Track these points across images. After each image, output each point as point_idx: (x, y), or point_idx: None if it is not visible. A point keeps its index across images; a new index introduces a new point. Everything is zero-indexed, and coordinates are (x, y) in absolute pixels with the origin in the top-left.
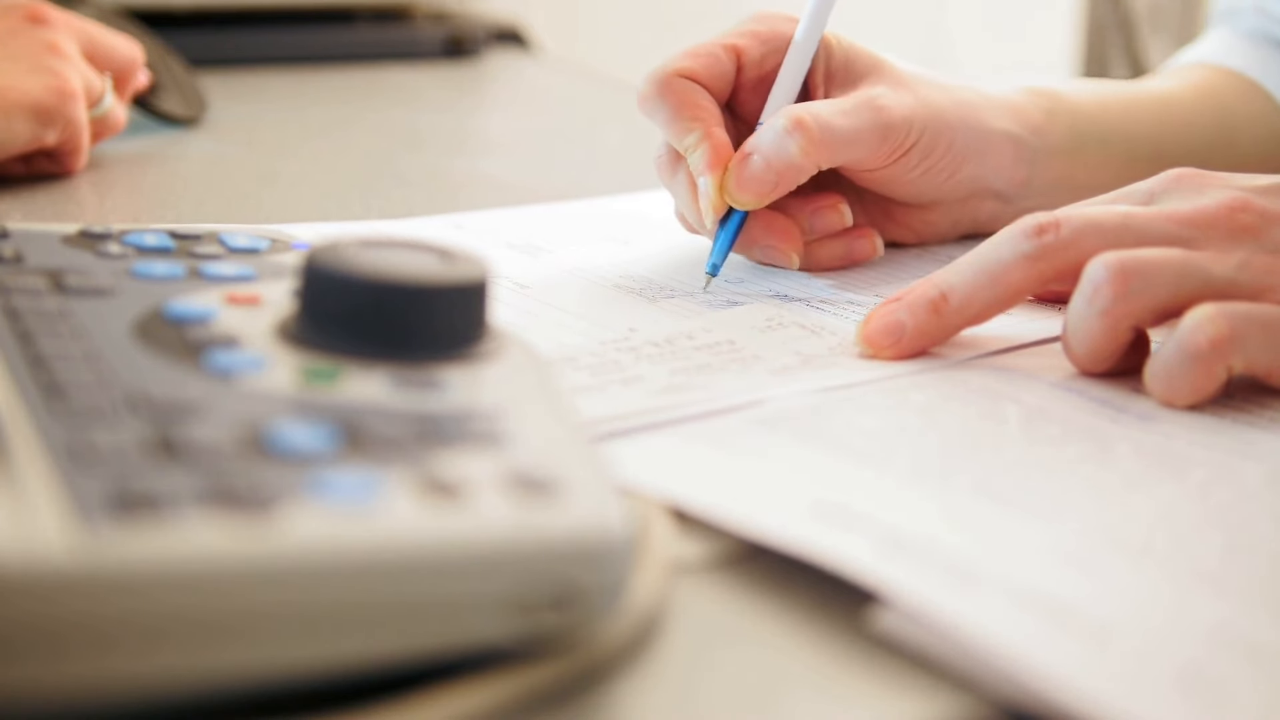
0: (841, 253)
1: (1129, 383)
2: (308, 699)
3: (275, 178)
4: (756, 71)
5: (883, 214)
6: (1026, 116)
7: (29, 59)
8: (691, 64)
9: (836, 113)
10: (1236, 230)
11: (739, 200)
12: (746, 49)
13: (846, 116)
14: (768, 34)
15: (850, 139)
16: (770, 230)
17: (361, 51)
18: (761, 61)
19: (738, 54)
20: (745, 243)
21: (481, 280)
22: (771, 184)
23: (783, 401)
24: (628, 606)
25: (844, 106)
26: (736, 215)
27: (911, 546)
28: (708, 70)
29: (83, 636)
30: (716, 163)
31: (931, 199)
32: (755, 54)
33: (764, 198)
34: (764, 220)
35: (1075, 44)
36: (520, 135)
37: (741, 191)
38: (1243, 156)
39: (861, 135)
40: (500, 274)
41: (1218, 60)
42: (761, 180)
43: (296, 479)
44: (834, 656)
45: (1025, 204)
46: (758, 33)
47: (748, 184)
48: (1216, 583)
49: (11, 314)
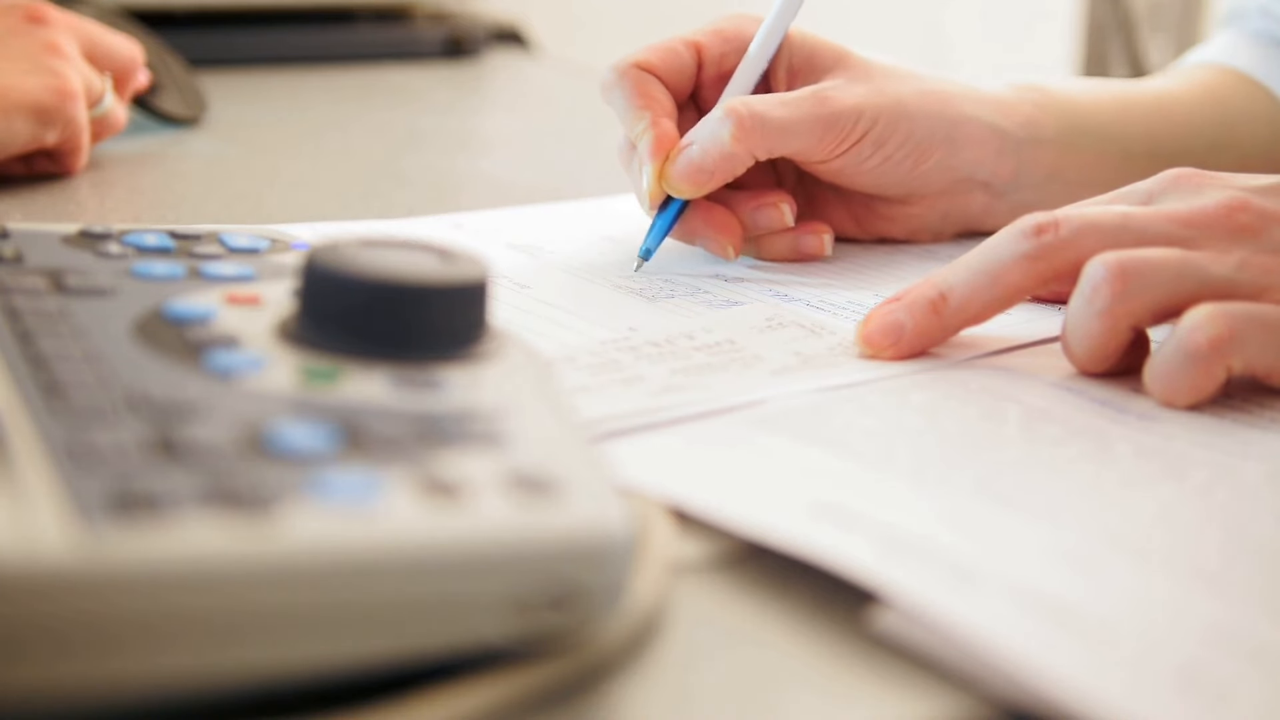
0: (788, 247)
1: (1129, 383)
2: (308, 699)
3: (275, 178)
4: (716, 69)
5: (865, 209)
6: (1012, 109)
7: (29, 59)
8: (651, 57)
9: (775, 104)
10: (1235, 230)
11: (675, 188)
12: (707, 46)
13: (785, 107)
14: (731, 32)
15: (787, 128)
16: (708, 222)
17: (361, 51)
18: (721, 59)
19: (698, 50)
20: (686, 232)
21: (481, 280)
22: (707, 173)
23: (783, 401)
24: (628, 606)
25: (786, 98)
26: (675, 203)
27: (911, 546)
28: (666, 64)
29: (83, 636)
30: (658, 150)
31: (904, 191)
32: (715, 51)
33: (700, 187)
34: (703, 211)
35: (1075, 44)
36: (520, 135)
37: (677, 179)
38: (1245, 156)
39: (801, 125)
40: (500, 274)
41: (1222, 60)
42: (697, 169)
43: (296, 479)
44: (834, 656)
45: (1018, 197)
46: (721, 31)
47: (683, 172)
48: (1216, 582)
49: (11, 314)
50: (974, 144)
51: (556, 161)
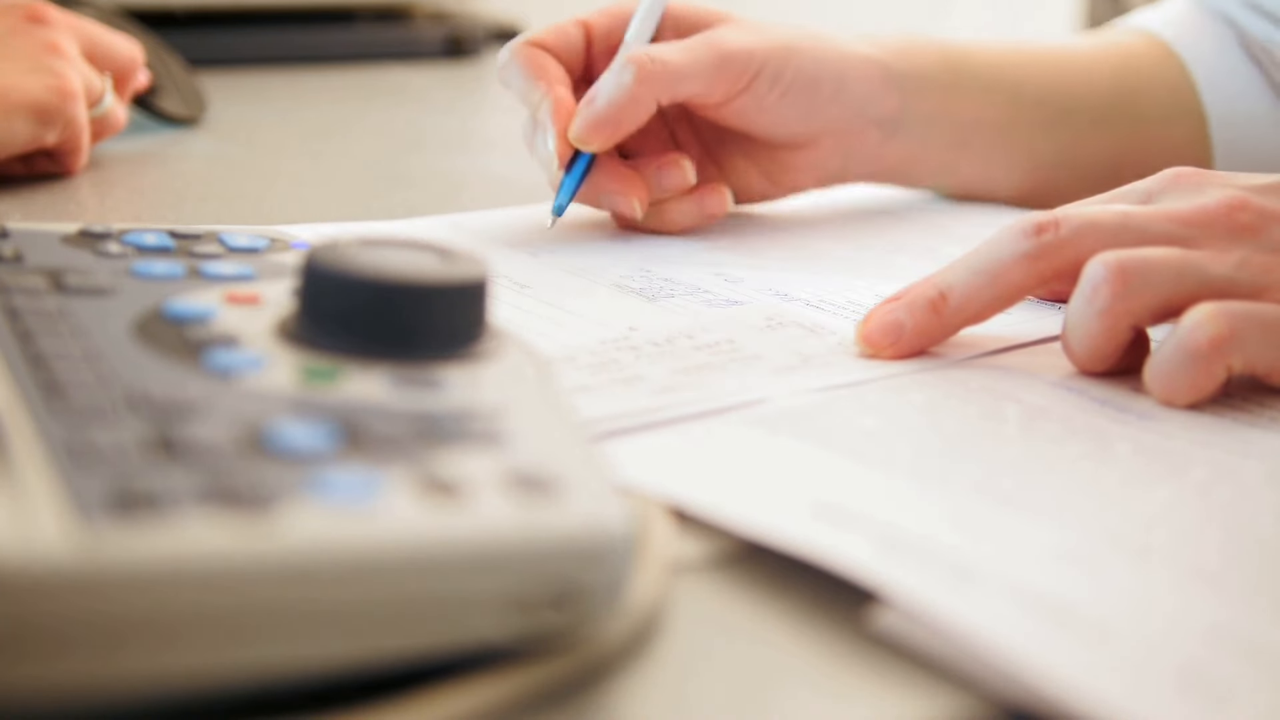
0: (694, 210)
1: (1129, 382)
2: (308, 699)
3: (275, 178)
4: (605, 44)
5: (771, 160)
6: (889, 46)
7: (29, 59)
8: (543, 36)
9: (672, 49)
10: (1235, 229)
11: (584, 141)
12: (595, 24)
13: (683, 52)
14: (618, 12)
15: (686, 71)
16: (614, 177)
17: (361, 51)
18: (609, 35)
19: (586, 28)
20: (592, 192)
21: (481, 280)
22: (614, 123)
23: (783, 401)
24: (628, 606)
25: (682, 44)
26: (583, 159)
27: (911, 546)
28: (557, 41)
29: (82, 636)
30: (559, 113)
31: (805, 132)
32: (603, 28)
33: (608, 138)
34: (608, 168)
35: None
36: (520, 135)
37: (585, 131)
38: (1141, 119)
39: (698, 67)
40: (500, 274)
41: (1149, 27)
42: (604, 119)
43: (296, 478)
44: (834, 656)
45: (908, 135)
46: (609, 10)
47: (590, 124)
48: (1216, 582)
49: (11, 313)
50: (860, 79)
51: None
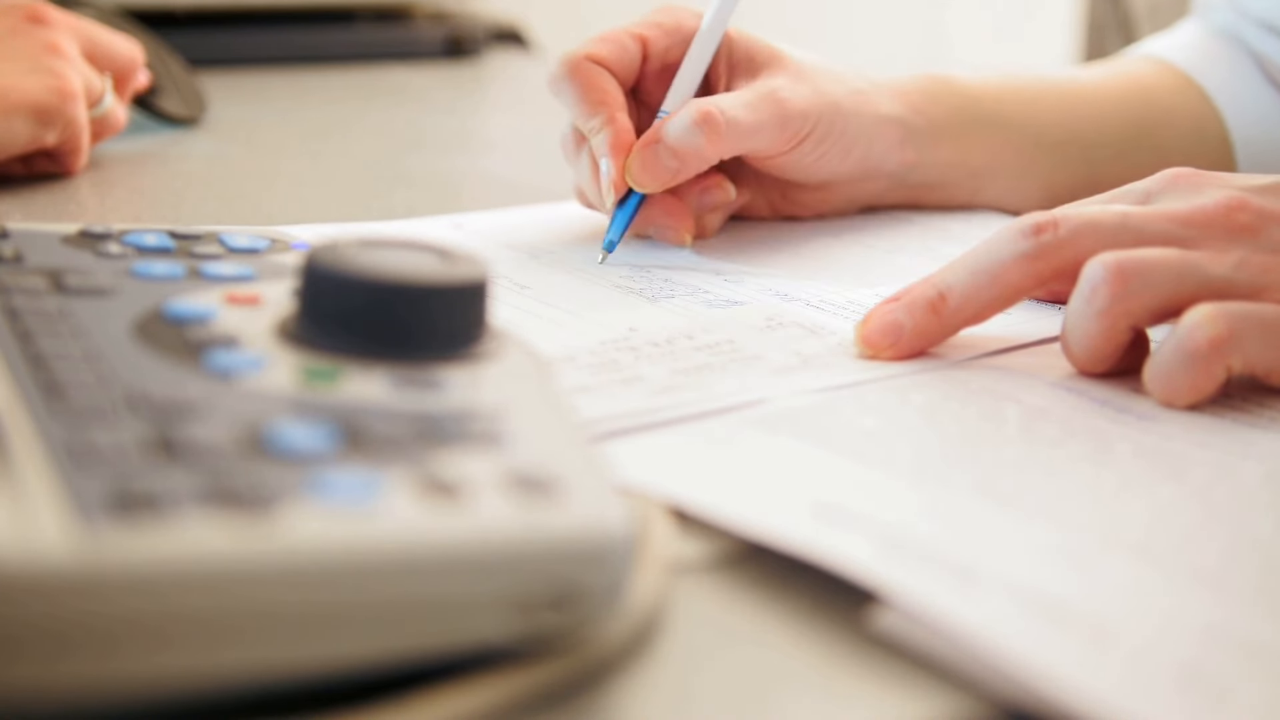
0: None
1: (1128, 382)
2: (308, 699)
3: (275, 178)
4: (660, 61)
5: (781, 195)
6: (910, 99)
7: (29, 59)
8: (601, 49)
9: (741, 106)
10: (1234, 230)
11: (641, 184)
12: (653, 39)
13: (750, 110)
14: (672, 26)
15: (753, 130)
16: (668, 212)
17: (361, 51)
18: (666, 52)
19: (644, 43)
20: (642, 223)
21: (481, 280)
22: (674, 171)
23: (783, 401)
24: (628, 606)
25: (747, 99)
26: (635, 196)
27: (911, 546)
28: (616, 57)
29: (82, 636)
30: (619, 146)
31: (825, 180)
32: (660, 45)
33: (665, 184)
34: (661, 203)
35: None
36: (520, 135)
37: (645, 175)
38: (1164, 151)
39: (764, 127)
40: (500, 274)
41: (1163, 54)
42: (665, 168)
43: (296, 479)
44: (834, 656)
45: (918, 179)
46: (662, 24)
47: (651, 170)
48: (1216, 582)
49: (11, 314)
50: (884, 138)
51: (557, 161)
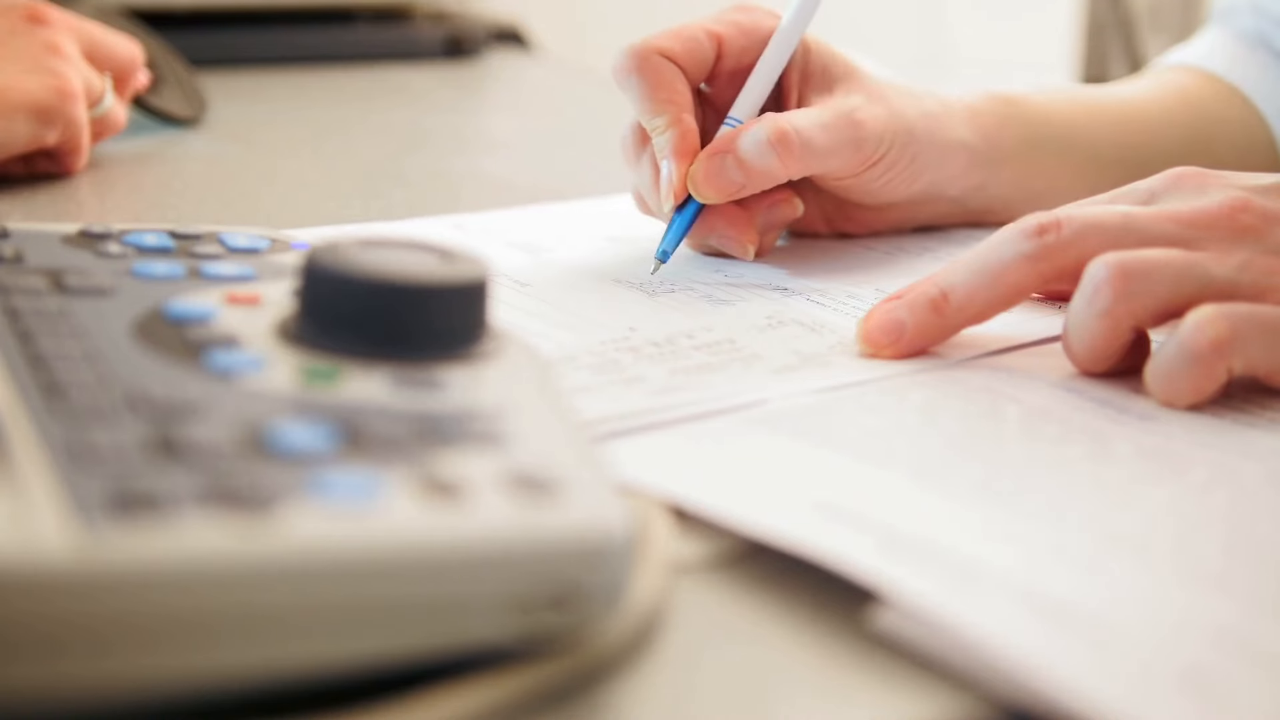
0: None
1: (1129, 383)
2: (308, 699)
3: (275, 178)
4: (735, 62)
5: (838, 211)
6: (981, 123)
7: (29, 59)
8: (674, 44)
9: (816, 126)
10: (1238, 231)
11: (703, 194)
12: (729, 39)
13: (826, 131)
14: (750, 26)
15: (827, 154)
16: (731, 221)
17: (361, 51)
18: (741, 53)
19: (720, 42)
20: (702, 231)
21: (481, 280)
22: (739, 186)
23: (783, 401)
24: (628, 606)
25: (823, 120)
26: (694, 204)
27: (912, 546)
28: (689, 53)
29: (82, 636)
30: (683, 150)
31: (886, 201)
32: (737, 45)
33: (728, 198)
34: (725, 213)
35: (1075, 44)
36: (520, 135)
37: (709, 187)
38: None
39: (839, 151)
40: (500, 274)
41: (1199, 63)
42: (731, 181)
43: (296, 479)
44: (834, 656)
45: (978, 204)
46: (740, 23)
47: (715, 182)
48: (1217, 583)
49: (11, 314)
50: (952, 163)
51: (557, 161)
